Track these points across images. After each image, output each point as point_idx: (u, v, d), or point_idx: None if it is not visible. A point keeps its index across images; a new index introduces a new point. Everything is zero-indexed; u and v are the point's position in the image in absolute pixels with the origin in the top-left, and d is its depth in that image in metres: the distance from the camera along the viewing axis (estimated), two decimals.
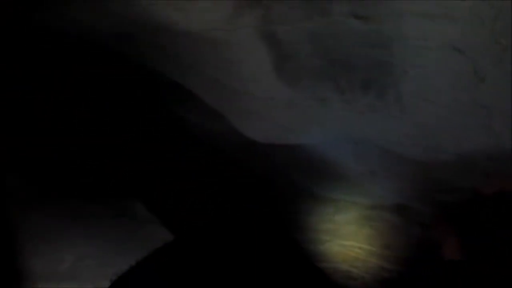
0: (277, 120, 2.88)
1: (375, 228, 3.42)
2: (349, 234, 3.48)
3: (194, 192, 3.78)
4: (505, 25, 1.83)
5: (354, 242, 3.45)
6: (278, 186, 3.88)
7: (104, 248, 3.07)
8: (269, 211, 3.82)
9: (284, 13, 2.15)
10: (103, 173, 3.57)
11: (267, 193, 3.92)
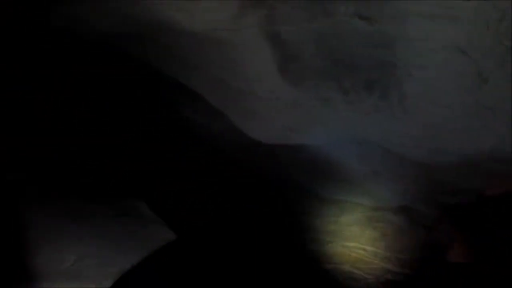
0: (281, 120, 2.88)
1: (379, 230, 3.43)
2: (352, 236, 3.48)
3: (195, 192, 3.79)
4: (509, 26, 1.84)
5: (357, 244, 3.45)
6: (281, 186, 3.89)
7: (105, 247, 3.05)
8: (269, 211, 3.82)
9: (288, 14, 2.15)
10: (103, 173, 3.56)
11: (267, 193, 3.92)
